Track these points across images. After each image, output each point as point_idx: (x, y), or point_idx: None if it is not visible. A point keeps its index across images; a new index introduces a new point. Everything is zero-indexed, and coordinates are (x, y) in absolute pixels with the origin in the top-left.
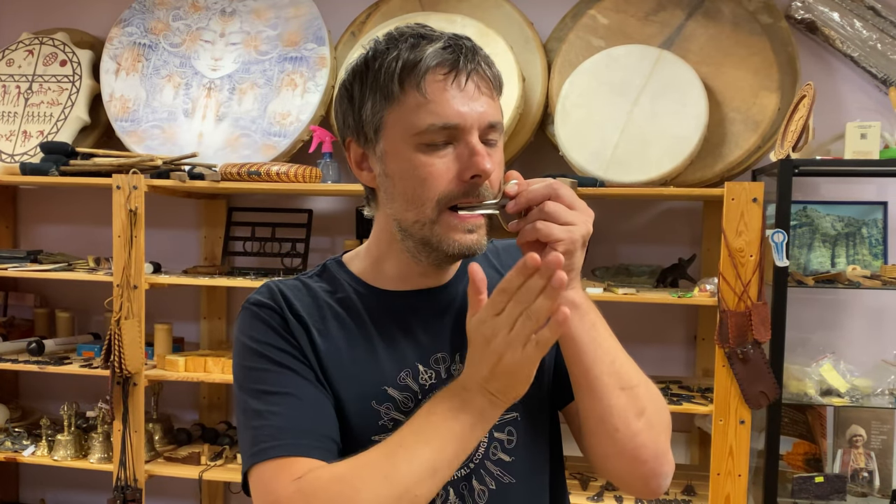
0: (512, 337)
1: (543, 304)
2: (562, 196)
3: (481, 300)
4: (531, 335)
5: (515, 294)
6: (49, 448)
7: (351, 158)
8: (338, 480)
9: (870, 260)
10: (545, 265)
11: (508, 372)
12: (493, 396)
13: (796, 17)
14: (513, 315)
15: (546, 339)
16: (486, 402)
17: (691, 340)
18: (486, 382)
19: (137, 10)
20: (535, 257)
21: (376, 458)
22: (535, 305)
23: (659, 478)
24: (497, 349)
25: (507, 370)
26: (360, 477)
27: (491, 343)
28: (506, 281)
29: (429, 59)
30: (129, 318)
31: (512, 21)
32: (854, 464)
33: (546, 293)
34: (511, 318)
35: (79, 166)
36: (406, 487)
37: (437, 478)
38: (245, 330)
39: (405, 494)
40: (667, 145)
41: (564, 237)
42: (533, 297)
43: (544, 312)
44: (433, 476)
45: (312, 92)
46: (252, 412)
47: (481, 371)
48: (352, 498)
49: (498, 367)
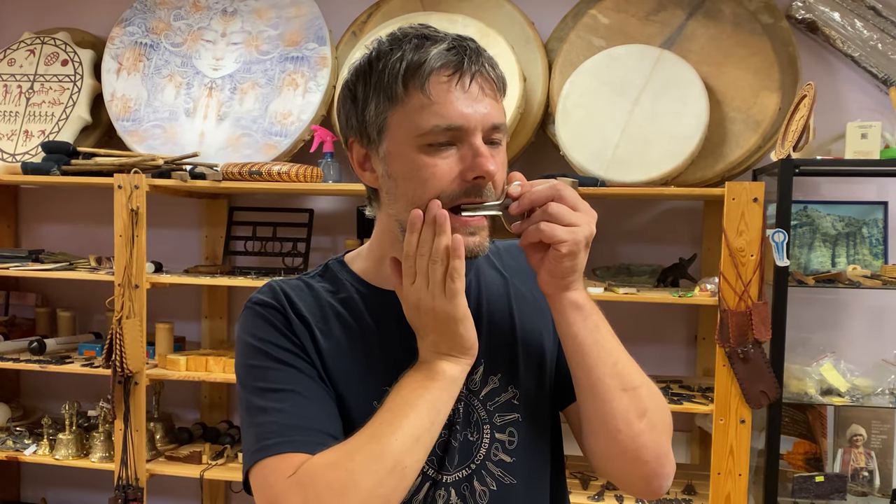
0: (431, 288)
1: (440, 243)
2: (565, 197)
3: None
4: (445, 277)
5: (415, 252)
6: (50, 447)
7: (353, 159)
8: (332, 466)
9: (870, 260)
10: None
11: (445, 322)
12: (449, 356)
13: (797, 17)
14: (423, 269)
15: (457, 268)
16: (446, 364)
17: (692, 340)
18: (436, 346)
19: (139, 10)
20: (415, 212)
21: (363, 440)
22: (434, 248)
23: (660, 478)
24: (425, 308)
25: (444, 321)
26: (352, 459)
27: (420, 307)
28: (406, 246)
29: (433, 61)
30: (131, 318)
31: (513, 21)
32: (854, 463)
33: (436, 231)
34: (423, 273)
35: (80, 166)
36: (395, 460)
37: (421, 444)
38: (248, 329)
39: (396, 466)
40: (667, 145)
41: (567, 238)
42: (430, 244)
43: (444, 250)
44: (416, 444)
45: (314, 91)
46: (255, 409)
47: (427, 337)
48: (347, 481)
49: (436, 324)
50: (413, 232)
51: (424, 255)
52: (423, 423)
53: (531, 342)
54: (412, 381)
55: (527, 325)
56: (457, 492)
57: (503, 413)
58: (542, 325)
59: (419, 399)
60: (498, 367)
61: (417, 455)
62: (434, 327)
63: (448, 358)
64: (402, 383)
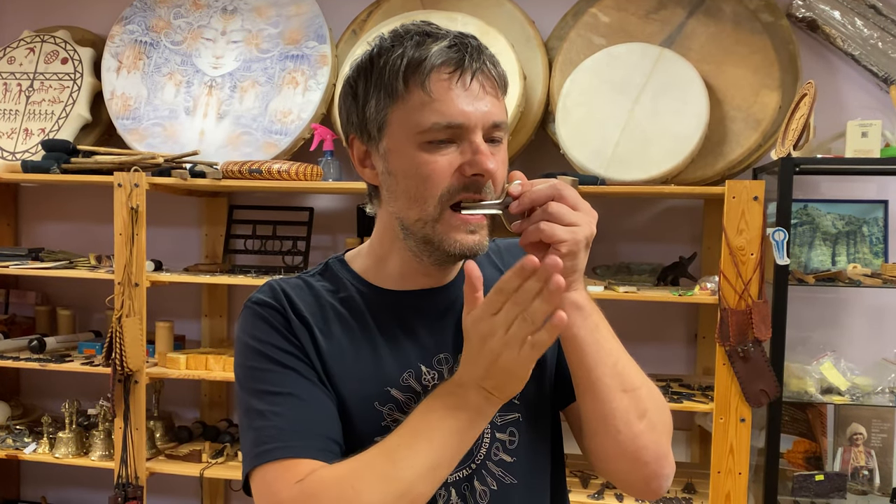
0: (509, 337)
1: (541, 308)
2: (566, 197)
3: (477, 298)
4: (528, 336)
5: (513, 295)
6: (50, 446)
7: (354, 156)
8: (339, 481)
9: (870, 258)
10: (543, 268)
11: (504, 371)
12: (489, 394)
13: (797, 16)
14: (510, 316)
15: (543, 341)
16: (482, 399)
17: (692, 339)
18: (482, 380)
19: (139, 8)
20: (533, 260)
21: (377, 458)
22: (532, 308)
23: (660, 479)
24: (493, 348)
25: (504, 369)
26: (361, 477)
27: (487, 342)
28: (503, 281)
29: (434, 58)
30: (131, 316)
31: (513, 19)
32: (854, 462)
33: (543, 297)
34: (508, 319)
35: (80, 164)
36: (407, 486)
37: (437, 475)
38: (247, 329)
39: (406, 493)
40: (668, 144)
41: (568, 238)
42: (530, 298)
43: (541, 315)
44: (433, 473)
45: (314, 90)
46: (254, 412)
47: (477, 369)
48: (354, 499)
49: (494, 367)
50: (519, 276)
51: (519, 306)
52: (445, 454)
53: None
54: (441, 406)
55: None
56: (457, 491)
57: (504, 413)
58: None
59: (446, 427)
60: None
61: (433, 484)
62: (490, 367)
63: (488, 396)
64: (430, 403)
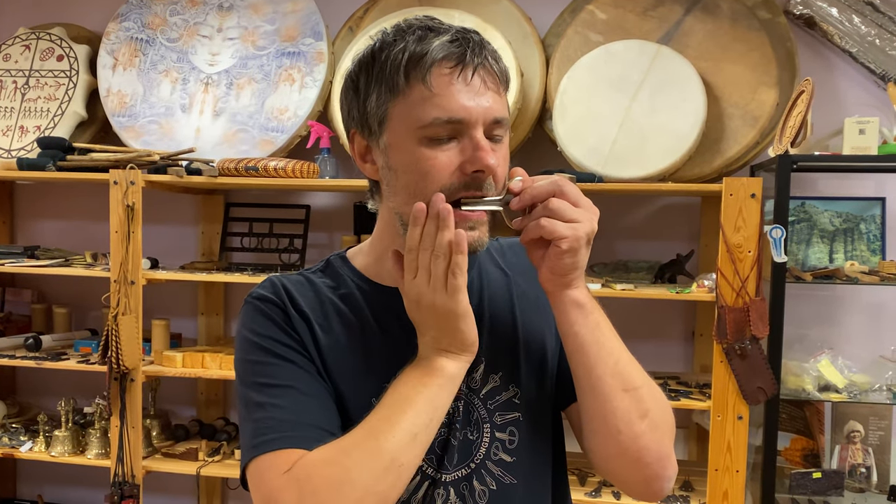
0: (433, 283)
1: (443, 237)
2: (566, 193)
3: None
4: (447, 273)
5: (419, 246)
6: (46, 444)
7: (355, 151)
8: (328, 463)
9: (868, 256)
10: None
11: (446, 317)
12: (448, 352)
13: (795, 13)
14: (425, 263)
15: (459, 263)
16: (445, 361)
17: (689, 336)
18: (436, 342)
19: (134, 5)
20: (419, 205)
21: (360, 437)
22: (437, 243)
23: (661, 480)
24: (426, 303)
25: (445, 316)
26: (347, 455)
27: (421, 302)
28: (408, 240)
29: (435, 52)
30: (127, 314)
31: (510, 16)
32: (852, 459)
33: (439, 225)
34: (425, 268)
35: (76, 162)
36: (391, 457)
37: (418, 442)
38: (247, 324)
39: (392, 464)
40: (665, 141)
41: (569, 235)
42: (432, 237)
43: (446, 244)
44: (414, 441)
45: (310, 87)
46: (253, 405)
47: (427, 333)
48: (343, 477)
49: (437, 320)
50: (416, 225)
51: (427, 250)
52: (422, 420)
53: (533, 341)
54: (410, 378)
55: (529, 323)
56: (456, 491)
57: (504, 412)
58: (544, 323)
59: (418, 396)
60: (499, 365)
61: (415, 452)
62: (434, 323)
63: (447, 354)
64: (400, 379)
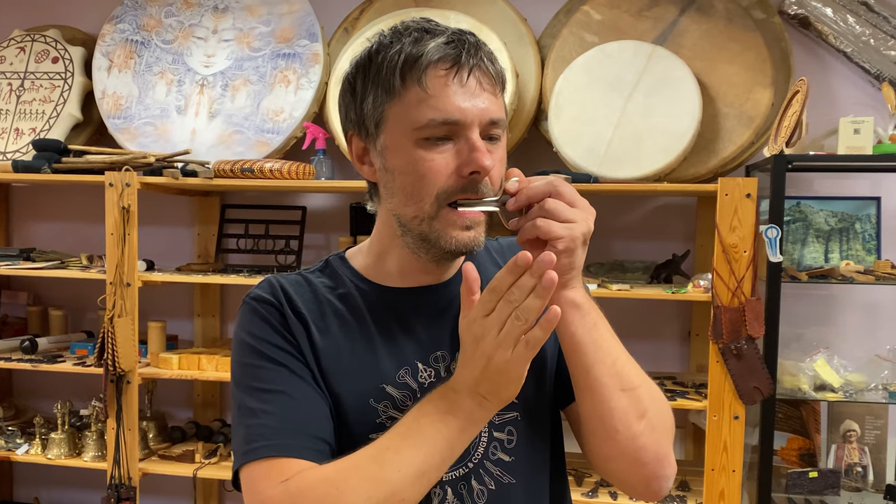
0: (502, 337)
1: (534, 304)
2: (563, 193)
3: (474, 300)
4: (521, 335)
5: (505, 293)
6: (43, 446)
7: (352, 152)
8: (324, 482)
9: (863, 255)
10: (536, 264)
11: (498, 372)
12: (482, 399)
13: (789, 13)
14: (503, 315)
15: (537, 338)
16: (475, 404)
17: (685, 336)
18: (476, 385)
19: (129, 7)
20: (526, 255)
21: (364, 461)
22: (525, 304)
23: (660, 480)
24: (486, 350)
25: (497, 371)
26: (346, 479)
27: (480, 344)
28: (496, 280)
29: (430, 54)
30: (123, 316)
31: (505, 17)
32: (848, 458)
33: (536, 292)
34: (501, 318)
35: (71, 164)
36: (393, 491)
37: (425, 481)
38: (244, 325)
39: (391, 497)
40: (660, 141)
41: (565, 235)
42: (524, 296)
43: (534, 312)
44: (420, 479)
45: (306, 88)
46: (246, 409)
47: (472, 373)
48: (337, 499)
49: (488, 369)
50: (512, 273)
51: (512, 304)
52: (433, 461)
53: None
54: (433, 410)
55: None
56: (454, 491)
57: (502, 412)
58: None
59: (436, 434)
60: None
61: (419, 490)
62: (484, 370)
63: (482, 401)
64: (422, 408)
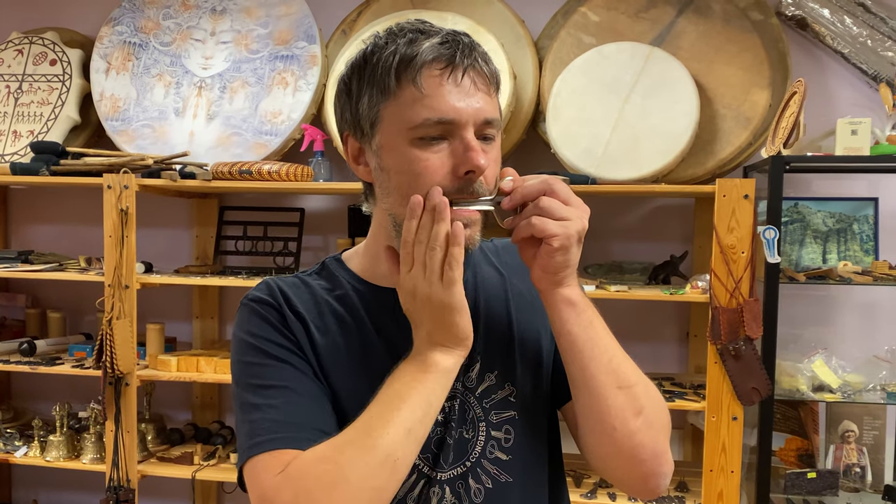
0: (428, 276)
1: (439, 229)
2: (557, 192)
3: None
4: (443, 265)
5: (415, 239)
6: (41, 449)
7: (348, 153)
8: (321, 460)
9: (861, 256)
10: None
11: (441, 310)
12: (443, 346)
13: (787, 14)
14: (420, 256)
15: (455, 256)
16: (437, 354)
17: (683, 337)
18: (430, 337)
19: (127, 9)
20: (415, 197)
21: (354, 434)
22: (432, 234)
23: (658, 477)
24: (422, 296)
25: (440, 309)
26: (342, 452)
27: (416, 295)
28: (404, 233)
29: (425, 54)
30: (121, 318)
31: (503, 19)
32: (846, 459)
33: (437, 221)
34: (421, 260)
35: (69, 166)
36: (387, 453)
37: (413, 437)
38: (243, 326)
39: (387, 459)
40: (658, 142)
41: (559, 232)
42: (429, 231)
43: (443, 237)
44: (408, 436)
45: (304, 90)
46: (249, 406)
47: (423, 328)
48: (337, 473)
49: (432, 313)
50: (412, 218)
51: (423, 242)
52: (416, 416)
53: (528, 339)
54: (405, 374)
55: (524, 322)
56: (451, 489)
57: (499, 410)
58: (539, 322)
59: (412, 391)
60: (494, 364)
61: (410, 447)
62: (429, 316)
63: (442, 349)
64: (394, 375)
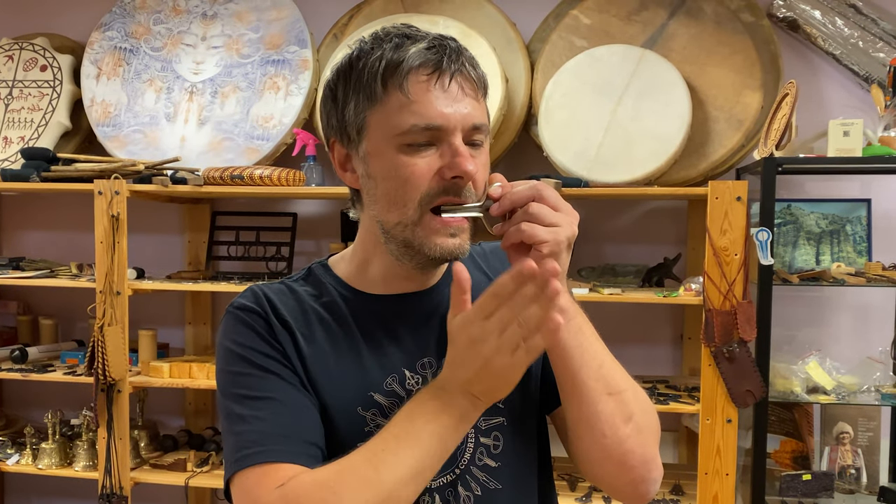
0: (502, 342)
1: (536, 313)
2: (546, 197)
3: (465, 300)
4: (521, 342)
5: (508, 300)
6: (33, 456)
7: (335, 159)
8: (321, 486)
9: (854, 257)
10: (541, 274)
11: (495, 376)
12: (475, 398)
13: (778, 16)
14: (503, 320)
15: (537, 346)
16: (467, 403)
17: (677, 340)
18: (469, 384)
19: (118, 14)
20: (531, 265)
21: (359, 463)
22: (527, 313)
23: (647, 483)
24: (485, 353)
25: (494, 374)
26: (342, 482)
27: (478, 346)
28: (498, 286)
29: (412, 60)
30: (113, 325)
31: (494, 22)
32: (841, 461)
33: (540, 302)
34: (502, 324)
35: (60, 172)
36: (389, 491)
37: (420, 479)
38: (229, 334)
39: (388, 498)
40: (651, 145)
41: (549, 238)
42: (526, 304)
43: (536, 320)
44: (416, 478)
45: (295, 95)
46: (235, 417)
47: (465, 373)
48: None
49: (484, 371)
50: (516, 281)
51: (514, 311)
52: (428, 459)
53: None
54: (426, 409)
55: None
56: (441, 497)
57: (488, 417)
58: None
59: (430, 432)
60: None
61: (415, 489)
62: (481, 372)
63: (474, 400)
64: (413, 408)
